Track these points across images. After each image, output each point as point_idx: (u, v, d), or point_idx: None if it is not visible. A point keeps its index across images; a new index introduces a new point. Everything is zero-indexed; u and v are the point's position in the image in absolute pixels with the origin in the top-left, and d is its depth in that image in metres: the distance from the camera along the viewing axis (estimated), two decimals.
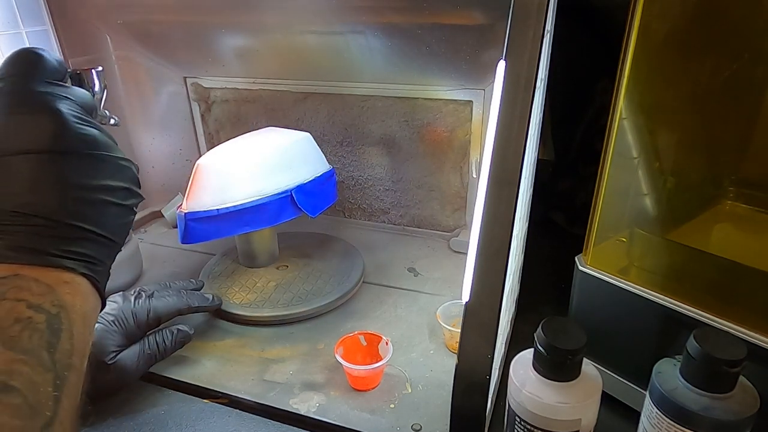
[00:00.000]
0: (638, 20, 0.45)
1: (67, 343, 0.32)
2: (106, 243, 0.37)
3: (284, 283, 0.74)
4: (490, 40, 0.66)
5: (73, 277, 0.34)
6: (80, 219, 0.35)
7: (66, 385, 0.31)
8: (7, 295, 0.31)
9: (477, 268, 0.42)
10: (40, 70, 0.36)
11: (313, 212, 0.70)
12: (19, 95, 0.35)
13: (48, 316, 0.32)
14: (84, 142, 0.35)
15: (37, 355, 0.30)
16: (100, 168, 0.36)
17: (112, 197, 0.37)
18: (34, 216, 0.33)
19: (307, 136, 0.76)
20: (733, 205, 0.53)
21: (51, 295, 0.33)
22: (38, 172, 0.34)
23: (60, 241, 0.34)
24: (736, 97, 0.48)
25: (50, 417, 0.30)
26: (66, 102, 0.36)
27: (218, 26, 0.78)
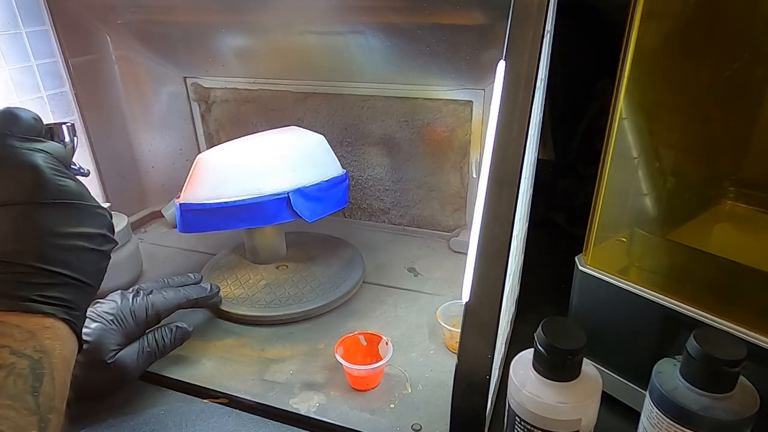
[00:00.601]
0: (638, 20, 0.45)
1: (49, 387, 0.33)
2: (84, 287, 0.38)
3: (283, 283, 0.74)
4: (490, 40, 0.66)
5: (53, 323, 0.36)
6: (60, 265, 0.36)
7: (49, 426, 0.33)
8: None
9: (477, 268, 0.42)
10: (17, 127, 0.38)
11: (310, 217, 0.70)
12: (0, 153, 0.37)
13: (31, 362, 0.33)
14: (61, 193, 0.38)
15: (22, 400, 0.31)
16: (77, 216, 0.38)
17: (89, 243, 0.38)
18: (15, 264, 0.35)
19: (320, 139, 0.76)
20: (733, 205, 0.53)
21: (33, 340, 0.34)
22: (19, 222, 0.35)
23: (41, 287, 0.35)
24: (736, 97, 0.48)
25: None
26: (43, 155, 0.38)
27: (218, 26, 0.78)
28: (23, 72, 0.78)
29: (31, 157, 0.38)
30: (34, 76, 0.80)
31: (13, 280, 0.35)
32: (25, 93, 0.79)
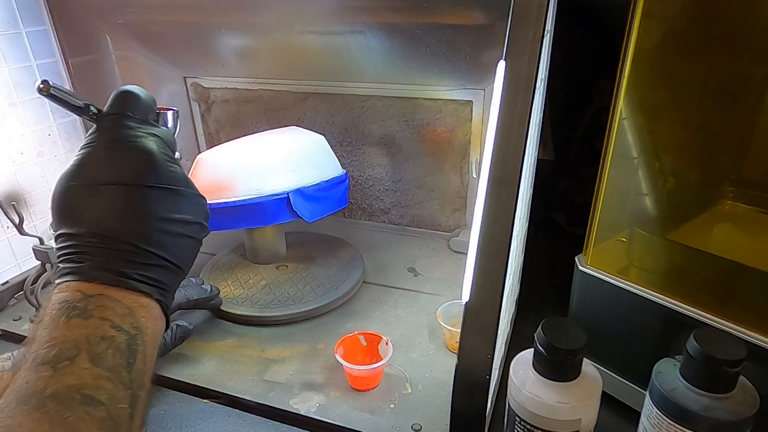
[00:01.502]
0: (638, 20, 0.45)
1: (141, 364, 0.34)
2: (177, 272, 0.40)
3: (283, 283, 0.74)
4: (490, 40, 0.66)
5: (148, 302, 0.37)
6: (160, 248, 0.38)
7: (138, 403, 0.33)
8: (94, 314, 0.33)
9: (477, 268, 0.42)
10: (137, 109, 0.40)
11: (310, 217, 0.70)
12: (118, 132, 0.39)
13: (128, 337, 0.34)
14: (170, 178, 0.39)
15: (118, 373, 0.32)
16: (181, 203, 0.39)
17: (188, 231, 0.40)
18: (120, 241, 0.36)
19: (319, 139, 0.76)
20: (733, 205, 0.53)
21: (131, 317, 0.35)
22: (129, 202, 0.37)
23: (141, 266, 0.36)
24: (736, 97, 0.48)
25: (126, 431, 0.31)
26: (156, 140, 0.40)
27: (218, 26, 0.78)
28: (23, 72, 0.78)
29: (147, 140, 0.39)
30: (34, 76, 0.80)
31: (117, 256, 0.36)
32: (25, 93, 0.79)
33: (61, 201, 0.38)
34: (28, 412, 0.29)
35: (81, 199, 0.37)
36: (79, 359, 0.31)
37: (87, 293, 0.34)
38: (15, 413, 0.29)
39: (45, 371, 0.30)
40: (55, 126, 0.84)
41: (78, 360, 0.31)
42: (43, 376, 0.30)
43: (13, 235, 0.74)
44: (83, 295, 0.34)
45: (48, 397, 0.29)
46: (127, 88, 0.41)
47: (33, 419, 0.28)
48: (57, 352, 0.31)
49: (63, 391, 0.30)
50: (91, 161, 0.38)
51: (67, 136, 0.86)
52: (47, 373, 0.30)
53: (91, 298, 0.34)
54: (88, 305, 0.34)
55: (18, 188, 0.80)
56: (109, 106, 0.41)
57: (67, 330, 0.32)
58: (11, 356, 0.51)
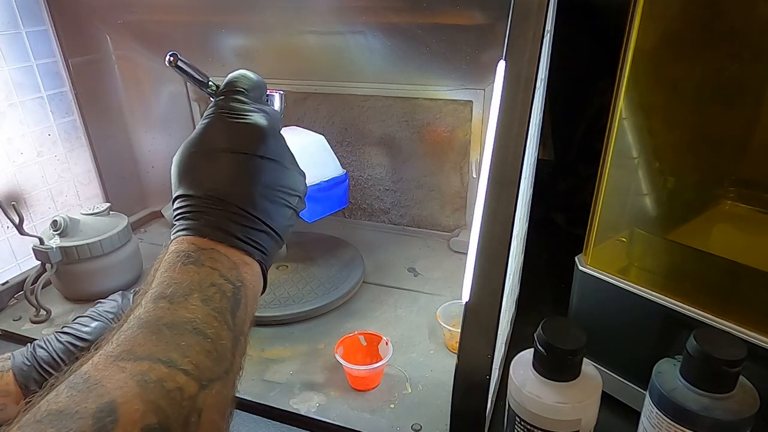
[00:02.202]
0: (638, 20, 0.45)
1: (243, 313, 0.38)
2: (276, 239, 0.43)
3: (283, 283, 0.74)
4: (490, 40, 0.66)
5: (251, 261, 0.40)
6: (264, 214, 0.41)
7: (239, 346, 0.37)
8: (206, 263, 0.37)
9: (477, 268, 0.42)
10: (251, 87, 0.44)
11: (310, 218, 0.70)
12: (233, 106, 0.42)
13: (234, 287, 0.38)
14: (277, 152, 0.42)
15: (224, 316, 0.36)
16: (285, 176, 0.43)
17: (289, 202, 0.43)
18: (230, 204, 0.39)
19: (319, 139, 0.76)
20: (733, 205, 0.53)
21: (236, 271, 0.38)
22: (240, 168, 0.40)
23: (247, 229, 0.40)
24: (736, 97, 0.48)
25: (228, 366, 0.35)
26: (266, 117, 0.43)
27: (218, 26, 0.78)
28: (23, 72, 0.78)
29: (258, 115, 0.42)
30: (34, 76, 0.80)
31: (227, 218, 0.39)
32: (25, 93, 0.79)
33: (182, 165, 0.41)
34: (147, 335, 0.32)
35: (199, 164, 0.40)
36: (192, 298, 0.35)
37: (200, 246, 0.38)
38: (136, 334, 0.32)
39: (162, 303, 0.34)
40: (54, 126, 0.84)
41: (191, 299, 0.35)
42: (161, 307, 0.34)
43: (13, 235, 0.74)
44: (197, 247, 0.38)
45: (165, 324, 0.33)
46: (241, 71, 0.45)
47: (151, 341, 0.32)
48: (174, 289, 0.35)
49: (178, 321, 0.33)
50: (211, 131, 0.41)
51: (66, 136, 0.86)
52: (165, 305, 0.34)
53: (204, 250, 0.38)
54: (201, 256, 0.37)
55: (18, 188, 0.80)
56: (225, 84, 0.44)
57: (183, 273, 0.36)
58: (11, 356, 0.51)
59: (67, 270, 0.72)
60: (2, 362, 0.51)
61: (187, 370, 0.32)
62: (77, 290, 0.74)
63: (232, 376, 0.36)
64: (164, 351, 0.32)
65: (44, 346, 0.52)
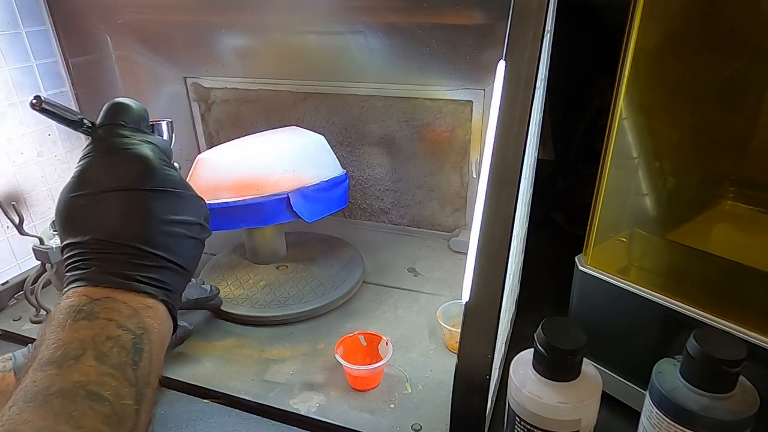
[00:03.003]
0: (638, 20, 0.45)
1: (147, 363, 0.35)
2: (182, 272, 0.40)
3: (283, 283, 0.74)
4: (490, 40, 0.66)
5: (154, 303, 0.37)
6: (163, 249, 0.38)
7: (144, 400, 0.34)
8: (100, 315, 0.34)
9: (477, 268, 0.42)
10: (129, 118, 0.41)
11: (310, 217, 0.70)
12: (113, 141, 0.40)
13: (134, 336, 0.35)
14: (167, 182, 0.40)
15: (123, 371, 0.33)
16: (180, 205, 0.40)
17: (189, 231, 0.41)
18: (124, 245, 0.37)
19: (319, 139, 0.76)
20: (733, 205, 0.53)
21: (136, 317, 0.36)
22: (129, 206, 0.38)
23: (145, 268, 0.37)
24: (736, 97, 0.48)
25: (131, 428, 0.32)
26: (151, 146, 0.41)
27: (218, 26, 0.78)
28: (23, 72, 0.78)
29: (142, 147, 0.40)
30: (34, 76, 0.80)
31: (122, 260, 0.36)
32: (25, 93, 0.79)
33: (65, 212, 0.39)
34: (34, 409, 0.29)
35: (83, 208, 0.38)
36: (84, 358, 0.32)
37: (93, 297, 0.35)
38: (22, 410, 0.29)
39: (51, 370, 0.31)
40: (55, 126, 0.84)
41: (83, 358, 0.32)
42: (49, 375, 0.31)
43: (13, 235, 0.74)
44: (89, 299, 0.35)
45: (53, 393, 0.30)
46: (117, 99, 0.42)
47: (38, 415, 0.29)
48: (63, 352, 0.32)
49: (68, 388, 0.31)
50: (90, 171, 0.39)
51: (67, 136, 0.86)
52: (53, 371, 0.31)
53: (97, 301, 0.35)
54: (94, 308, 0.34)
55: (18, 188, 0.80)
56: (102, 118, 0.42)
57: (73, 331, 0.33)
58: (12, 357, 0.51)
59: None
60: (3, 362, 0.51)
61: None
62: None
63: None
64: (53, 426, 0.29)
65: None
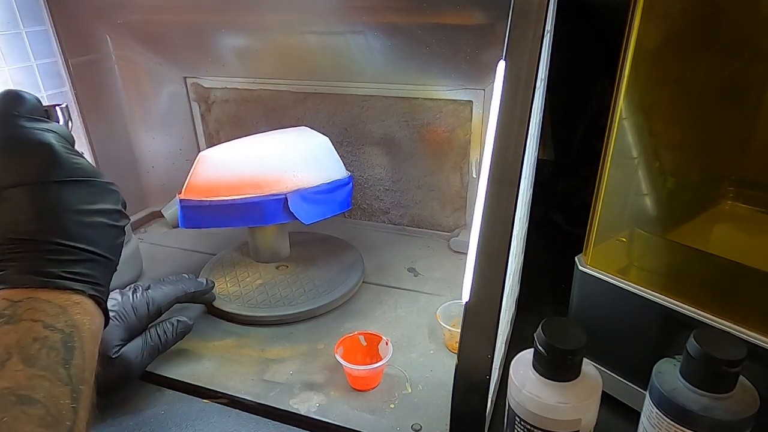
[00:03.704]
0: (638, 20, 0.45)
1: (80, 360, 0.34)
2: (106, 263, 0.39)
3: (283, 283, 0.74)
4: (490, 40, 0.66)
5: (81, 299, 0.36)
6: (83, 241, 0.36)
7: (81, 397, 0.33)
8: (24, 317, 0.33)
9: (477, 268, 0.42)
10: (24, 108, 0.38)
11: (307, 220, 0.69)
12: (9, 132, 0.37)
13: (62, 335, 0.34)
14: (76, 170, 0.38)
15: (54, 371, 0.32)
16: (94, 193, 0.38)
17: (107, 219, 0.39)
18: (41, 241, 0.35)
19: (324, 141, 0.75)
20: (733, 205, 0.53)
21: (64, 315, 0.34)
22: (38, 200, 0.35)
23: (67, 263, 0.35)
24: (736, 97, 0.48)
25: (70, 427, 0.31)
26: (53, 134, 0.38)
27: (218, 26, 0.78)
28: (23, 72, 0.78)
29: (43, 135, 0.37)
30: (34, 76, 0.80)
31: (41, 257, 0.35)
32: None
33: None
34: None
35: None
36: (10, 363, 0.31)
37: (14, 299, 0.34)
38: None
39: None
40: None
41: (9, 364, 0.31)
42: None
43: None
44: (10, 302, 0.33)
45: None
46: (7, 89, 0.40)
47: None
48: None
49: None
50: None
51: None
52: None
53: (19, 303, 0.33)
54: (16, 311, 0.33)
55: None
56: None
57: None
58: None
59: None
60: None
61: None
62: None
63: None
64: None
65: None
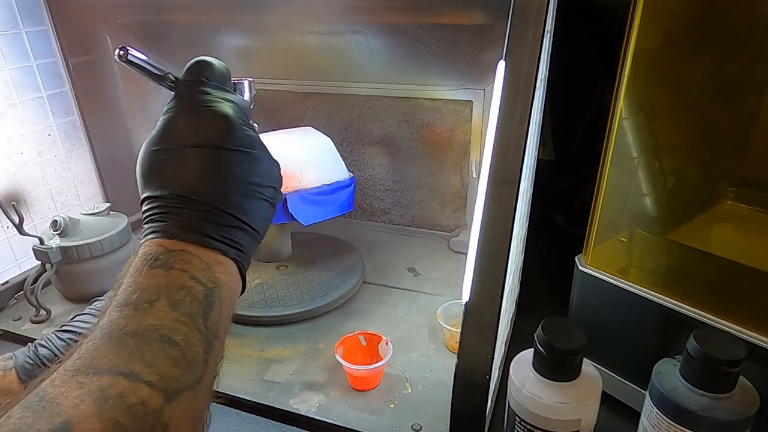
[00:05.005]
0: (638, 20, 0.45)
1: (216, 315, 0.36)
2: (253, 234, 0.41)
3: (283, 283, 0.74)
4: (490, 40, 0.66)
5: (226, 260, 0.38)
6: (237, 210, 0.39)
7: (212, 351, 0.35)
8: (175, 266, 0.35)
9: (477, 268, 0.42)
10: (212, 76, 0.42)
11: (306, 221, 0.69)
12: (195, 98, 0.40)
13: (205, 289, 0.36)
14: (246, 142, 0.40)
15: (194, 320, 0.34)
16: (257, 166, 0.40)
17: (264, 194, 0.41)
18: (201, 202, 0.37)
19: (326, 142, 0.75)
20: (733, 205, 0.53)
21: (209, 272, 0.37)
22: (208, 164, 0.38)
23: (220, 227, 0.38)
24: (736, 97, 0.48)
25: (200, 375, 0.33)
26: (232, 105, 0.41)
27: (218, 26, 0.78)
28: (23, 72, 0.78)
29: (223, 105, 0.40)
30: (34, 76, 0.80)
31: (198, 216, 0.37)
32: (25, 93, 0.79)
33: (146, 165, 0.39)
34: (109, 345, 0.31)
35: (164, 162, 0.38)
36: (158, 303, 0.33)
37: (169, 248, 0.36)
38: (98, 345, 0.31)
39: (127, 311, 0.33)
40: (55, 126, 0.84)
41: (158, 304, 0.33)
42: (125, 315, 0.32)
43: (13, 235, 0.74)
44: (165, 250, 0.36)
45: (128, 333, 0.31)
46: (201, 57, 0.43)
47: (113, 352, 0.30)
48: (139, 295, 0.33)
49: (142, 329, 0.32)
50: (171, 126, 0.39)
51: (66, 136, 0.86)
52: (129, 312, 0.32)
53: (173, 252, 0.36)
54: (169, 258, 0.35)
55: (18, 188, 0.80)
56: (185, 74, 0.42)
57: (149, 278, 0.34)
58: (13, 356, 0.51)
59: (67, 270, 0.72)
60: (4, 361, 0.51)
61: (151, 381, 0.30)
62: (77, 290, 0.74)
63: (205, 385, 0.34)
64: (126, 363, 0.30)
65: (46, 344, 0.52)
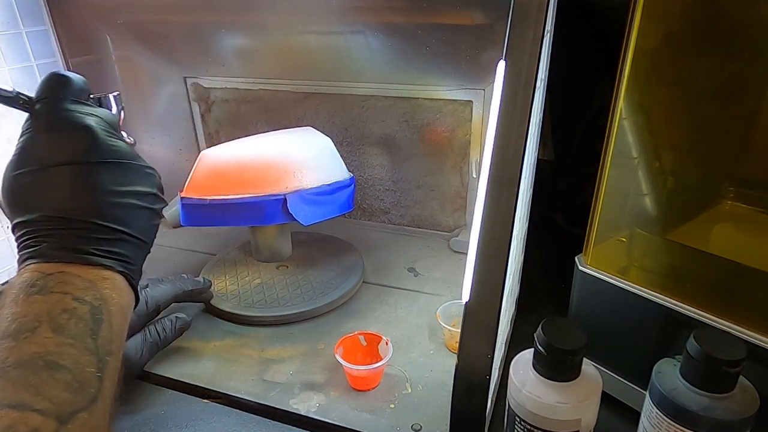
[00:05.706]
0: (638, 20, 0.45)
1: (107, 332, 0.35)
2: (138, 243, 0.40)
3: (283, 283, 0.74)
4: (490, 40, 0.66)
5: (111, 274, 0.37)
6: (115, 221, 0.38)
7: (107, 368, 0.35)
8: (54, 289, 0.34)
9: (477, 268, 0.42)
10: (69, 91, 0.41)
11: (306, 221, 0.69)
12: (54, 115, 0.39)
13: (91, 308, 0.35)
14: (114, 153, 0.39)
15: (82, 341, 0.34)
16: (130, 175, 0.40)
17: (142, 201, 0.40)
18: (74, 220, 0.36)
19: (327, 142, 0.75)
20: (733, 205, 0.53)
21: (93, 289, 0.36)
22: (76, 180, 0.37)
23: (98, 241, 0.37)
24: (736, 97, 0.48)
25: (94, 394, 0.33)
26: (94, 118, 0.40)
27: (218, 26, 0.78)
28: (23, 72, 0.78)
29: (84, 119, 0.39)
30: (34, 76, 0.80)
31: (73, 235, 0.36)
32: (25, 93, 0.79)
33: (10, 191, 0.38)
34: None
35: (29, 185, 0.37)
36: (40, 330, 0.32)
37: (46, 272, 0.35)
38: None
39: (6, 343, 0.32)
40: None
41: (39, 331, 0.32)
42: (5, 347, 0.31)
43: None
44: (42, 274, 0.35)
45: (10, 365, 0.31)
46: (56, 72, 0.42)
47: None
48: (17, 325, 0.32)
49: (25, 359, 0.31)
50: (31, 148, 0.39)
51: None
52: (9, 344, 0.32)
53: (50, 276, 0.35)
54: (47, 282, 0.34)
55: None
56: (39, 92, 0.41)
57: (28, 305, 0.33)
58: None
59: None
60: None
61: (42, 409, 0.29)
62: None
63: (102, 403, 0.33)
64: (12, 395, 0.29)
65: None
